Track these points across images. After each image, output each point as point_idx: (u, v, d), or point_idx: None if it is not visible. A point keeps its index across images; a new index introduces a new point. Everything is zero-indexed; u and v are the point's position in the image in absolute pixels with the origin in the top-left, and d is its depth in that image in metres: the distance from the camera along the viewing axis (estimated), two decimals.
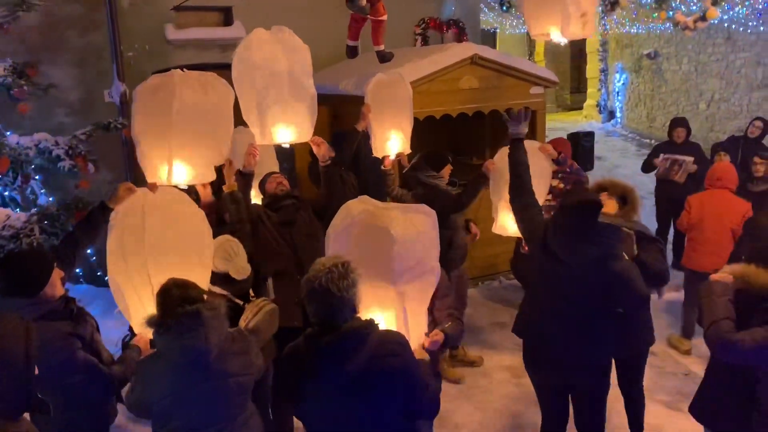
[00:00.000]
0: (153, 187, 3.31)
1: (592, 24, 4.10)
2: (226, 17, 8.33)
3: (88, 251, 5.11)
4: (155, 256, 2.77)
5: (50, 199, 6.18)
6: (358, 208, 2.93)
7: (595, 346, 3.48)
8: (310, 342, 2.52)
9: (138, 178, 7.42)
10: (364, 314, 2.60)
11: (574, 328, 3.43)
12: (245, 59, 3.87)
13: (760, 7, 9.19)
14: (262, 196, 4.70)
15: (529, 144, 4.32)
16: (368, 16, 5.42)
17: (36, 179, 6.11)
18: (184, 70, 3.45)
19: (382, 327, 2.65)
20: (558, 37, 4.13)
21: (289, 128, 4.03)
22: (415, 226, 2.85)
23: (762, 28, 9.96)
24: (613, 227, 3.44)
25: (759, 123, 7.40)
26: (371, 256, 2.75)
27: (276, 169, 5.23)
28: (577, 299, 3.41)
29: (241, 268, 3.47)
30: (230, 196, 4.02)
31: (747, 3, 9.16)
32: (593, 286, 3.36)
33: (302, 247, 4.31)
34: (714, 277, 2.97)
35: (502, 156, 4.52)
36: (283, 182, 4.60)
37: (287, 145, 4.16)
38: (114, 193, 3.12)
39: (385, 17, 5.58)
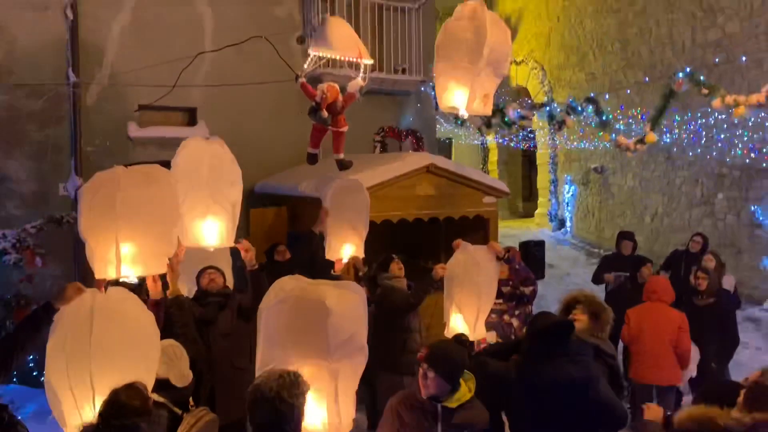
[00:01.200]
0: (101, 284, 3.23)
1: (491, 104, 4.41)
2: (191, 117, 8.50)
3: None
4: (100, 358, 2.66)
5: None
6: (290, 284, 2.94)
7: None
8: None
9: (86, 274, 7.25)
10: None
11: None
12: (175, 164, 4.00)
13: (696, 131, 9.90)
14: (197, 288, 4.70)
15: (476, 247, 4.42)
16: (329, 127, 5.59)
17: None
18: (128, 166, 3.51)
19: (312, 406, 2.58)
20: (463, 111, 4.42)
21: (208, 233, 4.07)
22: (347, 300, 2.86)
23: (699, 150, 10.67)
24: (587, 344, 3.48)
25: (699, 238, 7.76)
26: (304, 331, 2.73)
27: (228, 267, 5.22)
28: (558, 426, 3.36)
29: (182, 374, 3.34)
30: (175, 301, 3.99)
31: (684, 127, 9.85)
32: (577, 413, 3.32)
33: (216, 347, 4.35)
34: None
35: (454, 261, 4.60)
36: (215, 279, 4.63)
37: (211, 249, 4.17)
38: (61, 292, 3.00)
39: (345, 129, 5.77)
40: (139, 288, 3.91)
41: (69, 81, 7.49)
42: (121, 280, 3.42)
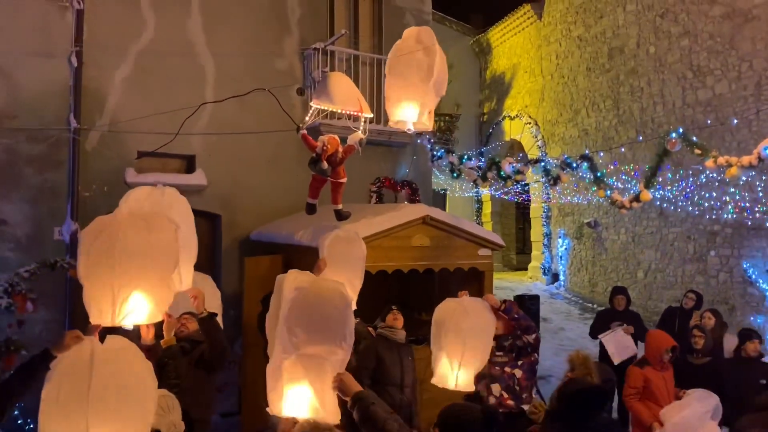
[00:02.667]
0: (95, 329, 3.20)
1: (432, 121, 4.74)
2: (189, 165, 8.56)
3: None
4: (97, 407, 2.61)
5: None
6: (302, 276, 3.14)
7: None
8: None
9: (78, 319, 7.19)
10: (291, 386, 2.80)
11: None
12: (120, 212, 3.93)
13: (688, 189, 10.04)
14: None
15: (472, 299, 4.41)
16: (329, 178, 5.65)
17: None
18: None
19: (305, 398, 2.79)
20: (410, 126, 4.65)
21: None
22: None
23: (690, 209, 10.80)
24: (616, 424, 3.37)
25: (692, 295, 7.80)
26: (325, 318, 2.95)
27: (219, 313, 5.18)
28: None
29: (173, 425, 3.29)
30: (169, 351, 3.93)
31: (676, 185, 10.00)
32: None
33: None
34: None
35: (443, 307, 4.57)
36: (186, 324, 4.55)
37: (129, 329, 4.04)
38: (60, 340, 2.98)
39: (344, 180, 5.82)
40: (130, 333, 3.86)
41: (70, 126, 7.57)
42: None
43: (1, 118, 7.36)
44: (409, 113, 4.61)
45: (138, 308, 3.27)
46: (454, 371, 4.39)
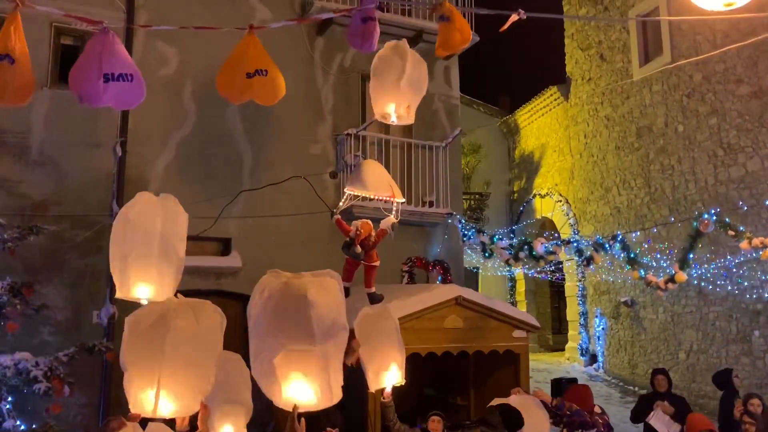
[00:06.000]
0: (136, 417, 3.21)
1: (413, 114, 5.27)
2: (225, 247, 8.75)
3: None
4: None
5: (18, 423, 5.89)
6: (272, 281, 3.19)
7: None
8: None
9: (112, 404, 7.21)
10: (287, 382, 2.96)
11: None
12: (123, 215, 3.94)
13: (726, 267, 9.84)
14: None
15: (523, 398, 4.33)
16: (362, 261, 5.71)
17: (8, 401, 5.89)
18: (179, 295, 3.54)
19: (304, 385, 3.00)
20: (393, 118, 5.13)
21: (149, 286, 3.97)
22: (326, 288, 3.19)
23: (729, 287, 10.54)
24: None
25: (737, 373, 7.46)
26: (291, 322, 3.06)
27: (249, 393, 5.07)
28: None
29: None
30: None
31: (713, 264, 9.81)
32: None
33: None
34: None
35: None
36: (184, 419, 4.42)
37: (144, 301, 4.03)
38: (105, 426, 3.01)
39: (377, 263, 5.88)
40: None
41: (112, 213, 7.85)
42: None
43: (48, 205, 7.70)
44: (389, 108, 5.21)
45: (177, 399, 3.28)
46: None
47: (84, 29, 7.86)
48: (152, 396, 3.21)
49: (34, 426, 5.50)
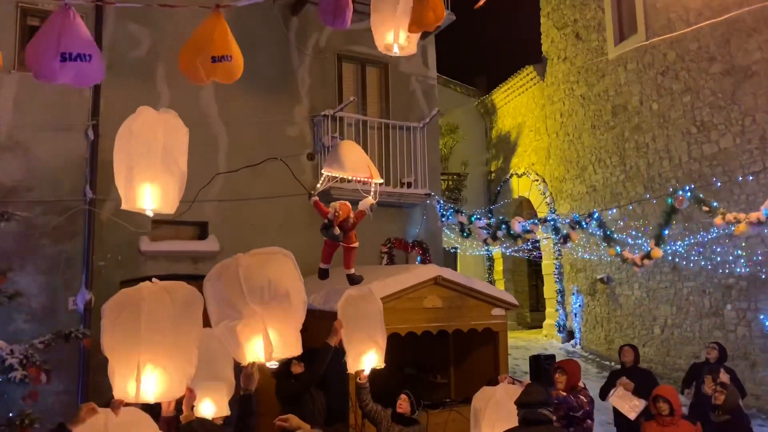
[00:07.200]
0: (118, 405, 3.18)
1: (415, 45, 5.08)
2: (202, 231, 8.67)
3: None
4: None
5: None
6: (217, 266, 3.65)
7: None
8: None
9: (90, 390, 7.15)
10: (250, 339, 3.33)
11: None
12: (127, 127, 3.91)
13: (700, 243, 10.01)
14: None
15: (509, 387, 4.38)
16: (341, 243, 5.70)
17: None
18: (154, 280, 3.51)
19: (253, 340, 3.37)
20: (396, 50, 5.00)
21: (153, 196, 3.96)
22: (263, 259, 3.57)
23: (703, 263, 10.73)
24: None
25: (714, 346, 7.57)
26: (232, 288, 3.48)
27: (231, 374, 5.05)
28: None
29: None
30: (188, 427, 3.85)
31: (687, 240, 9.97)
32: None
33: None
34: None
35: (479, 397, 4.50)
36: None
37: (150, 213, 4.02)
38: (76, 414, 2.98)
39: (356, 245, 5.87)
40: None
41: (86, 198, 7.72)
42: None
43: (19, 191, 7.54)
44: (390, 37, 5.10)
45: (161, 383, 3.26)
46: None
47: (50, 9, 7.65)
48: (134, 382, 3.18)
49: (11, 414, 5.42)
